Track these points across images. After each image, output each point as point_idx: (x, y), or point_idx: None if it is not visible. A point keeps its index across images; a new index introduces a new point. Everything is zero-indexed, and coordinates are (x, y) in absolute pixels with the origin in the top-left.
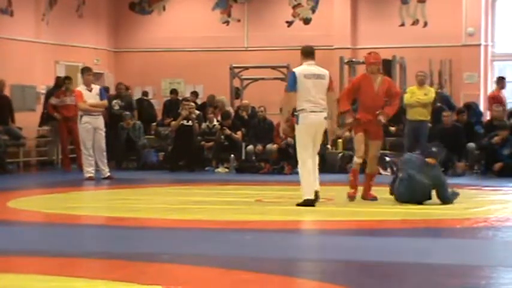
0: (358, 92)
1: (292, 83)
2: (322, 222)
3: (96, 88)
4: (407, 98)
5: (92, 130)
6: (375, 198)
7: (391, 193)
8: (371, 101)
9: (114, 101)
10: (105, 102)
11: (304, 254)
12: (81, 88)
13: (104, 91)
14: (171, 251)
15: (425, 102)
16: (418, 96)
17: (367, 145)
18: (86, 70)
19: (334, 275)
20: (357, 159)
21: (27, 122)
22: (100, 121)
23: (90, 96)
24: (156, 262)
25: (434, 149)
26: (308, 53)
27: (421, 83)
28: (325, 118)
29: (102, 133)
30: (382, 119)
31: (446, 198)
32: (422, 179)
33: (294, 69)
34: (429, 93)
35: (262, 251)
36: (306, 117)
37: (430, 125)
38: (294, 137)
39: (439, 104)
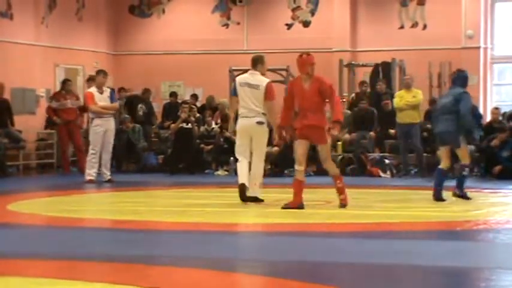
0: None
1: (233, 89)
2: (321, 224)
3: (107, 91)
4: (396, 102)
5: (102, 133)
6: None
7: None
8: (302, 102)
9: (140, 105)
10: (116, 105)
11: (304, 256)
12: (92, 90)
13: (115, 94)
14: (171, 253)
15: (415, 105)
16: (406, 99)
17: (305, 152)
18: (101, 72)
19: (334, 277)
20: (296, 167)
21: (27, 125)
22: (111, 123)
23: (101, 98)
24: (156, 265)
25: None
26: (252, 62)
27: (407, 87)
28: (259, 123)
29: (112, 135)
30: (334, 132)
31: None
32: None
33: (236, 77)
34: (417, 96)
35: (263, 254)
36: (239, 122)
37: (423, 125)
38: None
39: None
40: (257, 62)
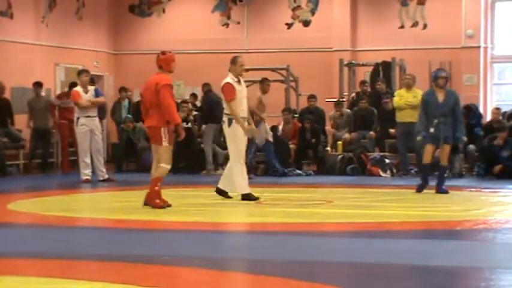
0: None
1: None
2: (322, 224)
3: (91, 89)
4: (396, 101)
5: (88, 132)
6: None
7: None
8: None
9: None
10: (103, 98)
11: (304, 256)
12: (78, 89)
13: (99, 90)
14: (170, 253)
15: (415, 104)
16: (407, 99)
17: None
18: (82, 72)
19: (334, 277)
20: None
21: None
22: (96, 123)
23: (86, 97)
24: (155, 264)
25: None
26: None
27: (408, 86)
28: (222, 122)
29: (98, 135)
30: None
31: None
32: None
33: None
34: (418, 95)
35: (262, 253)
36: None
37: None
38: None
39: None
40: (230, 63)
